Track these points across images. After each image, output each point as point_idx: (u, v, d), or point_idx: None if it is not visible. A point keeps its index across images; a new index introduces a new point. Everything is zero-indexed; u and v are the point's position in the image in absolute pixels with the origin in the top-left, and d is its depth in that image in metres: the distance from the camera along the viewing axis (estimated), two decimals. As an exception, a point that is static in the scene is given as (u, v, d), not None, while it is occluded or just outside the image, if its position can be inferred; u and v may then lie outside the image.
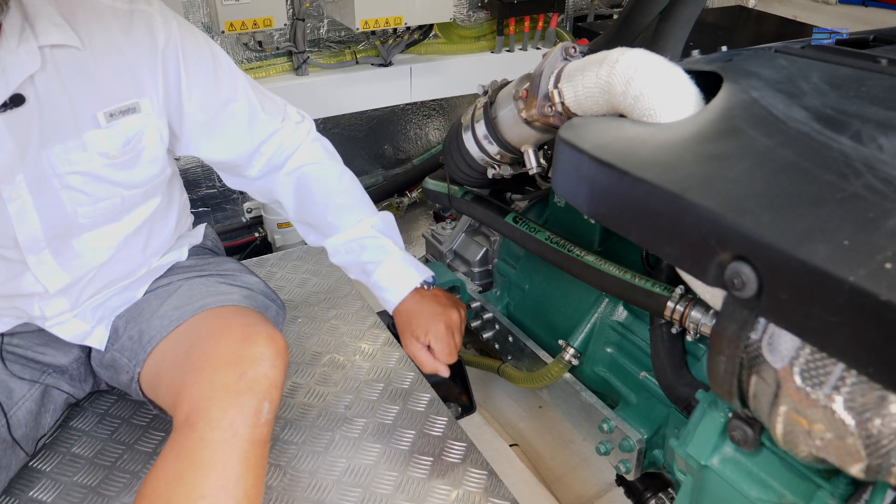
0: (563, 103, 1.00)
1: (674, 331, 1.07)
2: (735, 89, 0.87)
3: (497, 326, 1.54)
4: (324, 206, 1.27)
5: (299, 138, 1.26)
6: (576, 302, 1.34)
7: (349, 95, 2.39)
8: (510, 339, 1.49)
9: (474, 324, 1.59)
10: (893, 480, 0.64)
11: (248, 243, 2.52)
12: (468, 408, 1.65)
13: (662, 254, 0.79)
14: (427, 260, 1.83)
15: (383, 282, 1.26)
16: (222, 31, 2.00)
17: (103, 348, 1.19)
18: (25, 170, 0.98)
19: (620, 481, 1.47)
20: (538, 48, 2.67)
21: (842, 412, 0.63)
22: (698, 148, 0.77)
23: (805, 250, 0.58)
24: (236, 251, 2.50)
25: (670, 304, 1.02)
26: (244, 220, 2.57)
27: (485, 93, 1.25)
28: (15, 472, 1.15)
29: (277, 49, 2.31)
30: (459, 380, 1.66)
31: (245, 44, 2.19)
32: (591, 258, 1.16)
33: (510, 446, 1.59)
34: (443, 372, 1.27)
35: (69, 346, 1.21)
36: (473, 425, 1.61)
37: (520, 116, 1.12)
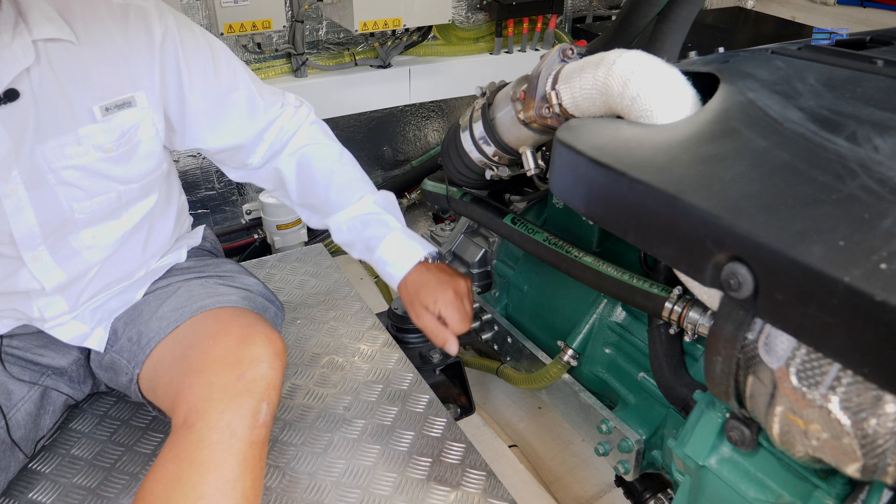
0: (560, 105, 1.00)
1: (672, 331, 1.07)
2: (731, 90, 0.87)
3: (496, 327, 1.54)
4: (325, 185, 1.27)
5: (299, 121, 1.28)
6: (574, 303, 1.34)
7: (348, 97, 2.39)
8: (509, 339, 1.50)
9: (473, 325, 1.59)
10: (889, 480, 0.65)
11: (247, 245, 2.52)
12: (467, 409, 1.65)
13: (659, 255, 0.79)
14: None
15: (387, 255, 1.24)
16: (221, 33, 2.01)
17: (102, 350, 1.19)
18: (20, 165, 0.98)
19: (619, 482, 1.47)
20: (537, 49, 2.68)
21: (838, 412, 0.63)
22: (695, 149, 0.77)
23: (801, 251, 0.58)
24: (235, 253, 2.50)
25: (668, 304, 1.02)
26: (243, 222, 2.57)
27: (483, 94, 1.25)
28: (14, 473, 1.15)
29: (276, 51, 2.31)
30: (458, 381, 1.66)
31: (244, 46, 2.20)
32: (589, 259, 1.16)
33: (509, 447, 1.59)
34: (452, 347, 1.21)
35: (68, 348, 1.22)
36: (472, 426, 1.61)
37: (518, 118, 1.13)
